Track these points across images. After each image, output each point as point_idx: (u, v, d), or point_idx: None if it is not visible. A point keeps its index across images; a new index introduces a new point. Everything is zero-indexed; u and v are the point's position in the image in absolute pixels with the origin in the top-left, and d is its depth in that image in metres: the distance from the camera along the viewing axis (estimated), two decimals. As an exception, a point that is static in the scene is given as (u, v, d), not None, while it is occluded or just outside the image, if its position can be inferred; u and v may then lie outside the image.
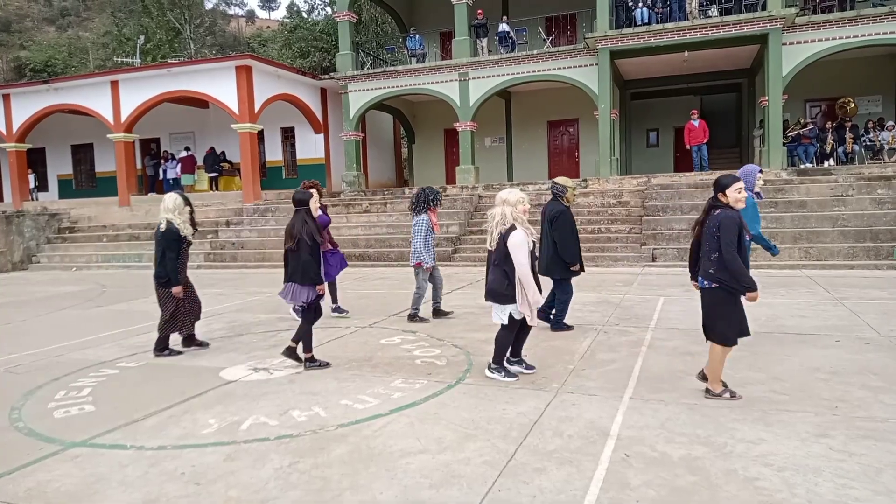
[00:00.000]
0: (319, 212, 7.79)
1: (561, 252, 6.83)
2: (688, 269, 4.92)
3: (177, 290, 6.38)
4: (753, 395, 4.64)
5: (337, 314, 8.42)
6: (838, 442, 3.77)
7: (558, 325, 7.07)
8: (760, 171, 6.36)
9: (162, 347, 6.55)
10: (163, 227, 6.36)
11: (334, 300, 8.55)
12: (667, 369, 5.44)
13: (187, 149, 22.13)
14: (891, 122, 16.49)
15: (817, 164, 16.49)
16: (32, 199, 22.77)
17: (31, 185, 23.23)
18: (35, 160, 24.23)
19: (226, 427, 4.39)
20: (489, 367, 5.36)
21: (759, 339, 6.17)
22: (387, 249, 15.15)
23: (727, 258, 4.32)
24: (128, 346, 7.16)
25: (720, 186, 4.53)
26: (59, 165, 25.36)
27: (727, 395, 4.60)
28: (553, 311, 7.13)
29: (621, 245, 13.84)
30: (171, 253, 6.33)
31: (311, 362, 5.84)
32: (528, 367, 5.48)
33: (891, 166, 15.01)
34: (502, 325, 5.22)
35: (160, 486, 3.53)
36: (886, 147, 16.08)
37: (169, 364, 6.25)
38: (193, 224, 6.64)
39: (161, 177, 22.61)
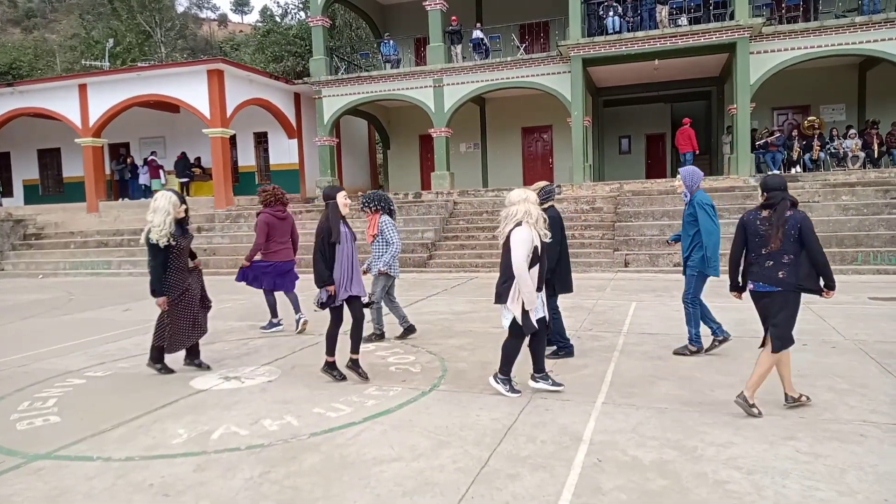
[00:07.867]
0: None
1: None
2: (728, 276, 4.74)
3: (160, 301, 5.84)
4: (723, 398, 4.70)
5: None
6: (805, 444, 3.84)
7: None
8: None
9: (153, 358, 6.07)
10: (145, 231, 5.81)
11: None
12: (638, 374, 5.50)
13: (153, 153, 21.81)
14: (854, 131, 16.94)
15: (784, 172, 16.85)
16: (-3, 205, 22.24)
17: (-4, 190, 22.73)
18: (-1, 165, 23.70)
19: (196, 437, 4.31)
20: (494, 376, 5.03)
21: (728, 343, 6.26)
22: (362, 255, 15.05)
23: (822, 259, 4.27)
24: (95, 355, 7.00)
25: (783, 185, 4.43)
26: (25, 170, 24.79)
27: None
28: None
29: (594, 251, 13.98)
30: (153, 260, 5.77)
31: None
32: (555, 384, 5.01)
33: (854, 173, 15.42)
34: (508, 331, 4.90)
35: (128, 497, 3.45)
36: (850, 154, 16.51)
37: (138, 373, 6.12)
38: (182, 224, 5.96)
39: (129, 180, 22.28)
